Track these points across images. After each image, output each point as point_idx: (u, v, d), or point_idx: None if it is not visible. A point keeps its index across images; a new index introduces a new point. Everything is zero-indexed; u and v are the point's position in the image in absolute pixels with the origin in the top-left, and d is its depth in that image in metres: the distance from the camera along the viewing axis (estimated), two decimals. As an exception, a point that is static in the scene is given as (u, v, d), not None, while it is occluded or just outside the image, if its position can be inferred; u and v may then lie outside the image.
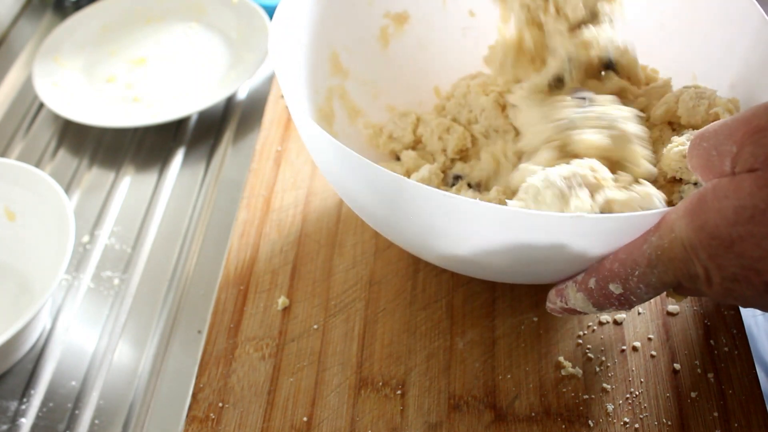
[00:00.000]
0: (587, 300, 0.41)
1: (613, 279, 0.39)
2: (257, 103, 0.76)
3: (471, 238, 0.41)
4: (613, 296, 0.39)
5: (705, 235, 0.35)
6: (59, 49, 0.79)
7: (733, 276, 0.35)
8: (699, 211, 0.35)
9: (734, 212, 0.34)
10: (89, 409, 0.53)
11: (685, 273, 0.36)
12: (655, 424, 0.46)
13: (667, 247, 0.36)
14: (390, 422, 0.48)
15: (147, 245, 0.63)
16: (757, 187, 0.33)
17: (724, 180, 0.35)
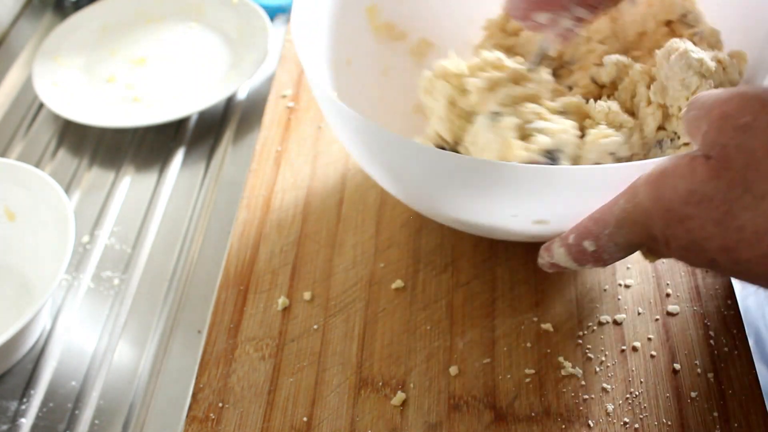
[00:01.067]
0: (567, 255, 0.43)
1: (587, 236, 0.42)
2: (257, 103, 0.76)
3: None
4: (587, 252, 0.42)
5: (661, 207, 0.37)
6: (59, 49, 0.79)
7: (684, 246, 0.38)
8: (659, 183, 0.37)
9: (687, 193, 0.36)
10: (89, 409, 0.53)
11: (647, 235, 0.39)
12: (655, 424, 0.46)
13: (631, 210, 0.39)
14: (390, 422, 0.48)
15: (147, 245, 0.63)
16: (708, 176, 0.35)
17: (684, 159, 0.37)
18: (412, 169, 0.45)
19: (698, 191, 0.36)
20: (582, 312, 0.52)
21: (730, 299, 0.52)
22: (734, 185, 0.35)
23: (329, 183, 0.61)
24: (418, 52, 0.62)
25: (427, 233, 0.57)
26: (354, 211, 0.59)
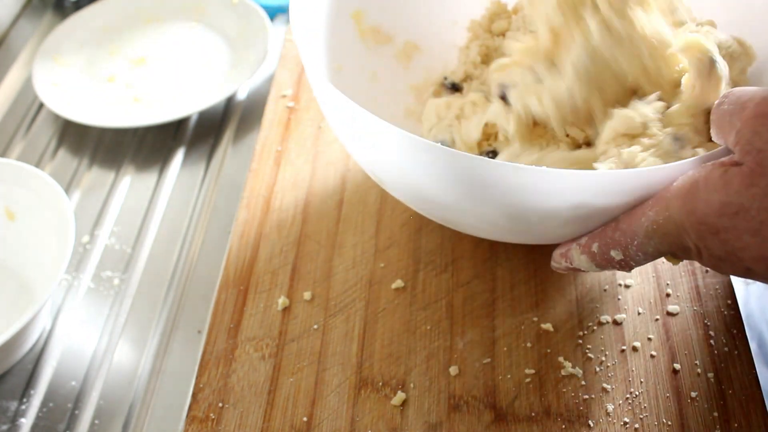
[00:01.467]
0: (590, 262, 0.43)
1: (614, 246, 0.41)
2: (257, 103, 0.76)
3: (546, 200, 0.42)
4: (614, 261, 0.42)
5: (695, 220, 0.37)
6: (59, 49, 0.79)
7: (718, 257, 0.37)
8: (691, 197, 0.37)
9: (720, 206, 0.36)
10: (89, 409, 0.53)
11: (679, 246, 0.39)
12: (655, 424, 0.46)
13: (662, 223, 0.39)
14: (390, 422, 0.48)
15: (147, 245, 0.63)
16: (743, 186, 0.35)
17: (716, 172, 0.36)
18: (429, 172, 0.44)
19: (734, 203, 0.35)
20: (582, 312, 0.52)
21: (730, 299, 0.52)
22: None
23: (329, 183, 0.62)
24: (404, 55, 0.62)
25: (427, 233, 0.57)
26: (354, 211, 0.59)
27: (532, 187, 0.40)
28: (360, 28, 0.60)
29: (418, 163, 0.43)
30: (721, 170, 0.36)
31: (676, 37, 0.47)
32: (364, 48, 0.60)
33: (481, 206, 0.44)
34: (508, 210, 0.43)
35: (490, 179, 0.40)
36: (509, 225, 0.45)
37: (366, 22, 0.60)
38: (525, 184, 0.40)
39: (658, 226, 0.39)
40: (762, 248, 0.35)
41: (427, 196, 0.46)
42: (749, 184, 0.34)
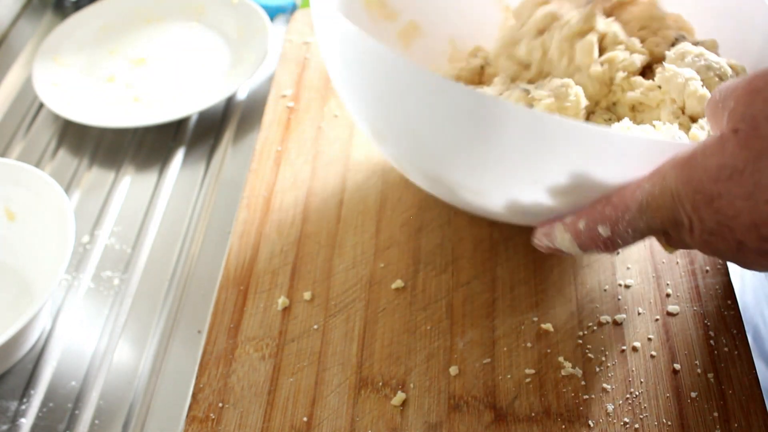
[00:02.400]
0: (574, 241, 0.43)
1: (603, 221, 0.41)
2: (257, 103, 0.76)
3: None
4: (600, 238, 0.42)
5: (690, 188, 0.37)
6: (59, 49, 0.79)
7: (711, 230, 0.37)
8: (688, 165, 0.37)
9: (717, 170, 0.36)
10: (89, 409, 0.53)
11: (671, 220, 0.39)
12: (655, 424, 0.46)
13: (657, 195, 0.38)
14: (390, 422, 0.48)
15: (147, 245, 0.63)
16: (738, 147, 0.35)
17: (713, 138, 0.37)
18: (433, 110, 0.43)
19: (728, 165, 0.35)
20: (582, 312, 0.52)
21: (730, 299, 0.52)
22: (764, 154, 0.34)
23: (329, 183, 0.62)
24: (405, 35, 0.62)
25: (427, 233, 0.57)
26: (354, 211, 0.59)
27: (545, 134, 0.40)
28: (366, 0, 0.60)
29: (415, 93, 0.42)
30: (717, 137, 0.37)
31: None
32: (368, 21, 0.60)
33: (486, 152, 0.43)
34: (512, 163, 0.42)
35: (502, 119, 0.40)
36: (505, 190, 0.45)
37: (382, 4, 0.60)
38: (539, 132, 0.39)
39: (652, 198, 0.39)
40: (753, 214, 0.35)
41: (425, 141, 0.46)
42: (743, 146, 0.35)
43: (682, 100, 0.48)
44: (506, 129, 0.40)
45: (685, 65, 0.50)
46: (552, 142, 0.40)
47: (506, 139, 0.41)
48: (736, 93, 0.36)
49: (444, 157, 0.46)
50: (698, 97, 0.47)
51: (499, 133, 0.41)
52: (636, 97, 0.51)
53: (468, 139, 0.42)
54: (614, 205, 0.40)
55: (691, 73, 0.48)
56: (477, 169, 0.44)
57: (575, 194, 0.43)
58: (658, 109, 0.50)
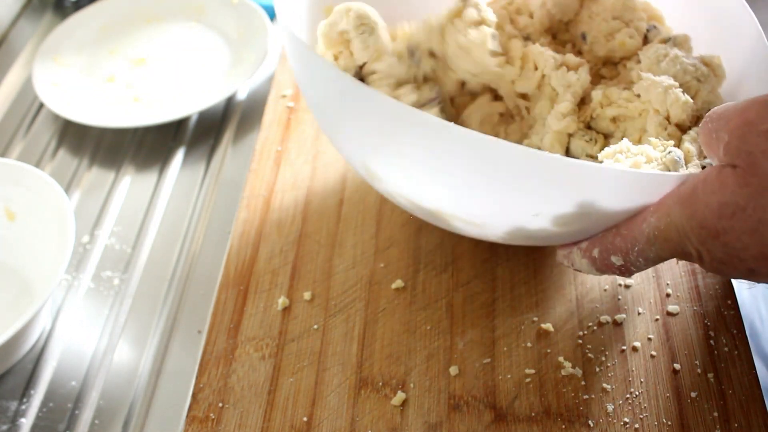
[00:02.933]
0: (591, 266, 0.44)
1: (615, 252, 0.42)
2: (257, 103, 0.76)
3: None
4: (614, 266, 0.43)
5: (695, 224, 0.37)
6: (59, 49, 0.79)
7: (720, 260, 0.38)
8: (691, 201, 0.38)
9: (719, 207, 0.36)
10: (89, 409, 0.53)
11: (680, 252, 0.40)
12: (655, 424, 0.46)
13: (663, 229, 0.39)
14: (390, 422, 0.48)
15: (147, 245, 0.63)
16: (737, 185, 0.36)
17: (713, 173, 0.37)
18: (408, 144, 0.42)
19: (730, 203, 0.36)
20: (582, 312, 0.52)
21: (730, 299, 0.52)
22: (764, 190, 0.35)
23: (329, 183, 0.62)
24: None
25: (427, 233, 0.57)
26: (354, 211, 0.59)
27: (541, 173, 0.40)
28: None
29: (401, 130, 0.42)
30: (716, 173, 0.37)
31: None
32: None
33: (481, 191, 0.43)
34: (510, 199, 0.43)
35: (500, 160, 0.40)
36: (507, 220, 0.45)
37: None
38: (533, 170, 0.40)
39: (659, 232, 0.39)
40: (761, 246, 0.36)
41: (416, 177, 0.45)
42: (743, 183, 0.35)
43: (665, 110, 0.48)
44: (502, 167, 0.40)
45: (661, 71, 0.49)
46: (549, 179, 0.40)
47: (503, 176, 0.41)
48: (729, 126, 0.36)
49: (438, 194, 0.46)
50: (681, 104, 0.47)
51: (496, 171, 0.41)
52: (616, 111, 0.51)
53: (464, 179, 0.42)
54: (623, 236, 0.41)
55: (669, 80, 0.48)
56: (474, 205, 0.45)
57: (578, 223, 0.43)
58: (642, 118, 0.50)
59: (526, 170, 0.40)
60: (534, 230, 0.45)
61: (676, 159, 0.43)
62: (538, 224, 0.44)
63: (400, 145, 0.43)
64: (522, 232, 0.46)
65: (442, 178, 0.43)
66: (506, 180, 0.41)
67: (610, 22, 0.54)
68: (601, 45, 0.54)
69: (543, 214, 0.42)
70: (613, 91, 0.51)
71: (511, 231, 0.46)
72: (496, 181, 0.41)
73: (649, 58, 0.51)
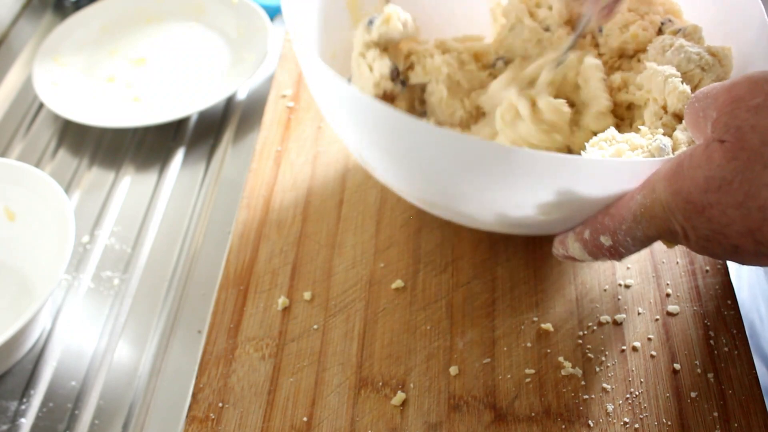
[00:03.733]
0: (583, 249, 0.44)
1: (603, 231, 0.42)
2: (257, 103, 0.76)
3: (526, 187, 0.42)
4: (603, 247, 0.43)
5: (680, 199, 0.37)
6: (59, 49, 0.79)
7: (705, 236, 0.38)
8: (676, 176, 0.38)
9: (705, 181, 0.36)
10: (89, 409, 0.53)
11: (666, 229, 0.39)
12: (655, 424, 0.46)
13: (649, 206, 0.39)
14: (390, 422, 0.48)
15: (147, 245, 0.63)
16: (725, 159, 0.35)
17: (699, 148, 0.37)
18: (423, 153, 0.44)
19: (716, 176, 0.36)
20: (582, 312, 0.52)
21: (730, 299, 0.52)
22: (752, 164, 0.35)
23: (329, 183, 0.61)
24: None
25: (427, 233, 0.57)
26: (354, 211, 0.59)
27: (525, 169, 0.40)
28: (355, 16, 0.59)
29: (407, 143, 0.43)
30: (702, 147, 0.37)
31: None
32: (351, 24, 0.60)
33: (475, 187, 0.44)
34: (501, 195, 0.43)
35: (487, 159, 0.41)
36: (501, 211, 0.46)
37: (362, 9, 0.59)
38: (519, 167, 0.40)
39: (645, 209, 0.39)
40: (747, 221, 0.36)
41: (429, 179, 0.46)
42: (731, 157, 0.35)
43: (663, 99, 0.48)
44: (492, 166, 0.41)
45: (665, 60, 0.50)
46: (535, 174, 0.41)
47: (496, 176, 0.42)
48: (717, 103, 0.36)
49: (440, 189, 0.47)
50: (678, 94, 0.47)
51: (489, 171, 0.42)
52: (628, 98, 0.52)
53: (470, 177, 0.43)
54: (612, 215, 0.41)
55: (671, 70, 0.48)
56: (474, 199, 0.46)
57: (560, 212, 0.44)
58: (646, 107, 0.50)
59: (509, 167, 0.41)
60: (518, 218, 0.46)
61: (662, 147, 0.44)
62: (523, 213, 0.44)
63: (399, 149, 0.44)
64: (509, 221, 0.47)
65: (437, 178, 0.44)
66: (494, 177, 0.42)
67: (626, 14, 0.54)
68: (615, 37, 0.55)
69: (531, 204, 0.43)
70: (630, 76, 0.52)
71: (498, 221, 0.47)
72: (482, 178, 0.42)
73: (655, 48, 0.51)
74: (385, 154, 0.47)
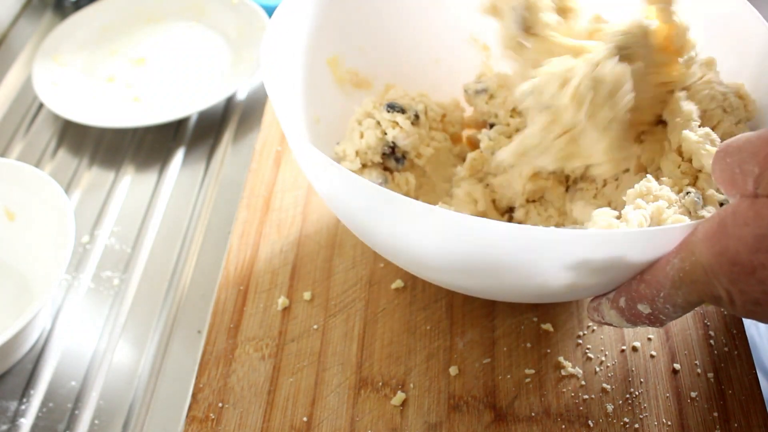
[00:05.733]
0: (620, 317, 0.41)
1: (640, 300, 0.39)
2: (257, 103, 0.76)
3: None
4: (642, 315, 0.40)
5: (725, 261, 0.34)
6: (59, 49, 0.79)
7: (755, 300, 0.35)
8: (719, 236, 0.35)
9: (755, 240, 0.33)
10: (89, 409, 0.53)
11: (709, 294, 0.36)
12: (655, 424, 0.46)
13: (689, 270, 0.36)
14: (390, 422, 0.48)
15: (147, 245, 0.63)
16: None
17: (744, 204, 0.34)
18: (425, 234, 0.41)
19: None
20: (582, 312, 0.52)
21: (730, 299, 0.52)
22: None
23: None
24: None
25: (427, 233, 0.57)
26: (354, 211, 0.59)
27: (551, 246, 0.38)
28: (337, 75, 0.57)
29: (412, 226, 0.41)
30: (748, 201, 0.34)
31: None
32: (341, 96, 0.57)
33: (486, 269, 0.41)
34: (525, 275, 0.41)
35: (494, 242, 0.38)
36: (525, 285, 0.43)
37: (343, 67, 0.57)
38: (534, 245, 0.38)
39: (684, 273, 0.36)
40: None
41: (425, 262, 0.44)
42: None
43: (677, 141, 0.46)
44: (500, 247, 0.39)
45: (691, 92, 0.47)
46: (544, 251, 0.38)
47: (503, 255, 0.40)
48: (759, 158, 0.34)
49: (444, 274, 0.45)
50: (693, 141, 0.44)
51: (495, 252, 0.39)
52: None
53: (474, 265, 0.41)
54: (648, 282, 0.39)
55: (689, 106, 0.46)
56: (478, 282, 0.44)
57: (596, 279, 0.41)
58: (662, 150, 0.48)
59: (522, 246, 0.38)
60: (543, 293, 0.43)
61: (696, 200, 0.41)
62: (548, 290, 0.42)
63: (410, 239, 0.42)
64: (533, 295, 0.45)
65: (442, 260, 0.42)
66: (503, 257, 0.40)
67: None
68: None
69: (546, 279, 0.41)
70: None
71: (521, 295, 0.45)
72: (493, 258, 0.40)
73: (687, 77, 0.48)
74: (399, 243, 0.44)
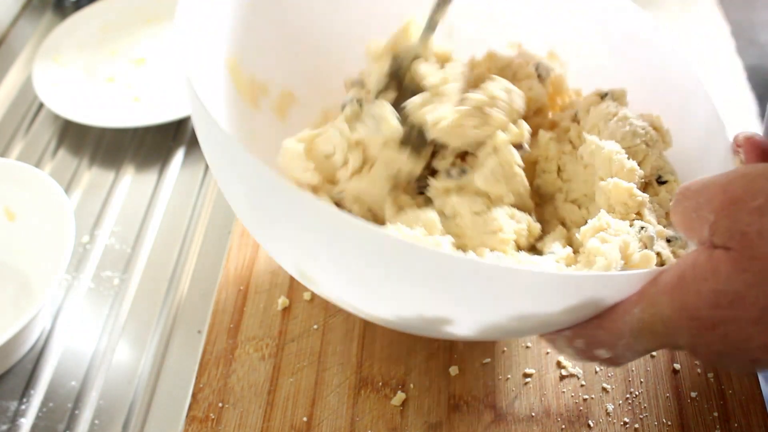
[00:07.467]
0: (577, 355, 0.40)
1: (600, 345, 0.38)
2: (257, 103, 0.76)
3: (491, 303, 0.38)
4: (601, 358, 0.39)
5: (686, 316, 0.34)
6: (59, 49, 0.79)
7: (719, 352, 0.35)
8: (679, 290, 0.34)
9: (714, 296, 0.33)
10: (89, 409, 0.53)
11: (670, 344, 0.36)
12: (655, 424, 0.46)
13: (648, 321, 0.36)
14: (390, 422, 0.48)
15: (147, 245, 0.63)
16: (734, 270, 0.32)
17: (702, 257, 0.34)
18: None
19: (727, 290, 0.33)
20: (582, 312, 0.52)
21: (730, 299, 0.52)
22: (766, 275, 0.32)
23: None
24: (280, 107, 0.55)
25: (427, 233, 0.57)
26: (354, 211, 0.59)
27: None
28: (237, 79, 0.52)
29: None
30: (706, 254, 0.34)
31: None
32: (249, 108, 0.53)
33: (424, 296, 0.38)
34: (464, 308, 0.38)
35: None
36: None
37: (243, 72, 0.52)
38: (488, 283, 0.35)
39: (644, 324, 0.36)
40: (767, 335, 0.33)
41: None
42: (741, 269, 0.32)
43: (610, 176, 0.45)
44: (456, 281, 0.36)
45: (608, 131, 0.47)
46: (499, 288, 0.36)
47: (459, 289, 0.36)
48: (713, 204, 0.33)
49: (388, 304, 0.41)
50: (627, 172, 0.44)
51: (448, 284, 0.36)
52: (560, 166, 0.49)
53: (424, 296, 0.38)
54: (607, 329, 0.37)
55: (615, 146, 0.45)
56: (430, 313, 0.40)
57: (541, 322, 0.39)
58: (587, 174, 0.47)
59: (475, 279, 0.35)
60: (498, 327, 0.40)
61: (652, 236, 0.41)
62: (502, 322, 0.39)
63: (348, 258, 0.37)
64: (493, 330, 0.41)
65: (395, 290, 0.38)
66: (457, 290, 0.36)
67: None
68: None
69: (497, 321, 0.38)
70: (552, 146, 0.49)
71: (480, 329, 0.40)
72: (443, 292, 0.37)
73: (596, 116, 0.48)
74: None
